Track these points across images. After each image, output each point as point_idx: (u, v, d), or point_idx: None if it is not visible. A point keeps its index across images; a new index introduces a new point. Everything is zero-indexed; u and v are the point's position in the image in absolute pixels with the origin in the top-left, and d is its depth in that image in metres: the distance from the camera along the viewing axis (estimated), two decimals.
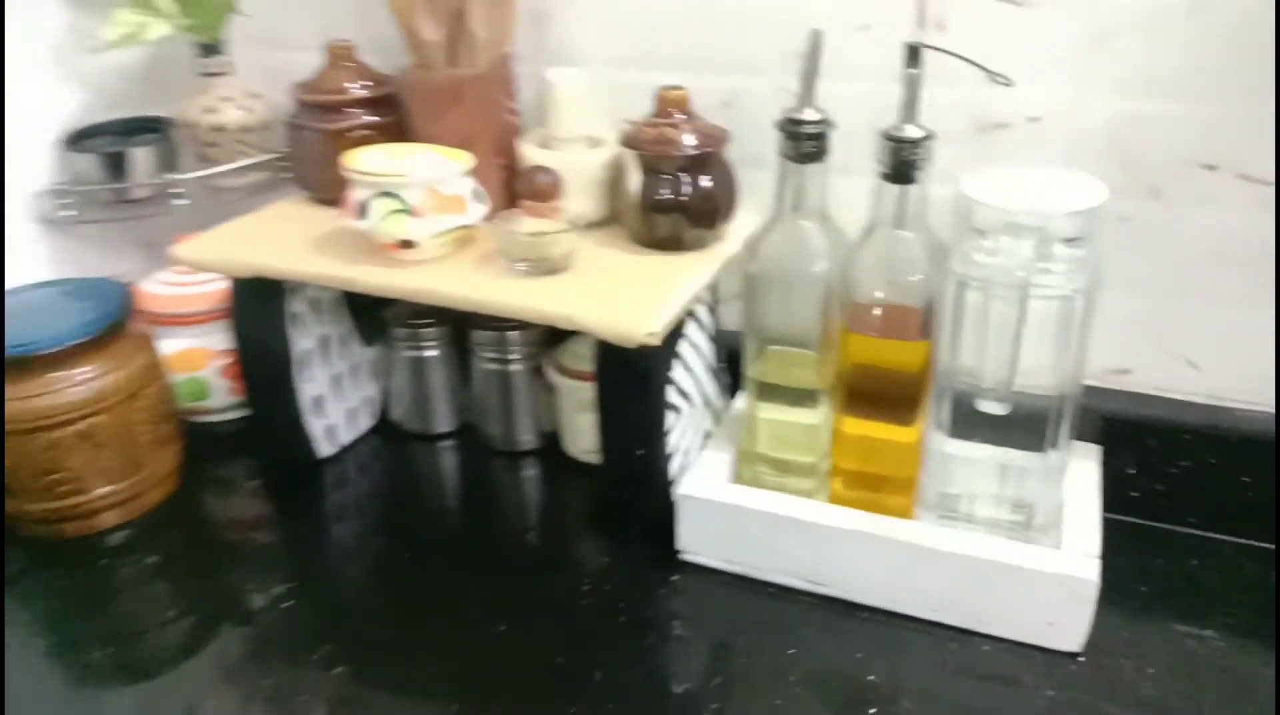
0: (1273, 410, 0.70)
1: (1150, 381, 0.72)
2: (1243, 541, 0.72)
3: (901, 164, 0.60)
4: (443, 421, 0.88)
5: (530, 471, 0.84)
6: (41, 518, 0.76)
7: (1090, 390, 0.72)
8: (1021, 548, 0.63)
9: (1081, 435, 0.72)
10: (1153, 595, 0.68)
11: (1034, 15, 0.66)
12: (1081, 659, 0.63)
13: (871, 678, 0.62)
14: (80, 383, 0.74)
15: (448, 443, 0.88)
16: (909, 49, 0.59)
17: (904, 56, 0.59)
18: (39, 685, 0.65)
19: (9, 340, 0.73)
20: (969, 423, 0.65)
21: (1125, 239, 0.68)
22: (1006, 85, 0.59)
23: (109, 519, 0.78)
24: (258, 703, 0.62)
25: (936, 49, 0.59)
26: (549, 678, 0.63)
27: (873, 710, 0.60)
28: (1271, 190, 0.64)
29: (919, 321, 0.64)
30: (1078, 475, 0.70)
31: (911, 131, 0.60)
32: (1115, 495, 0.73)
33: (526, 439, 0.85)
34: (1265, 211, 0.65)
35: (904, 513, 0.68)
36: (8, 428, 0.72)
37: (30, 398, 0.72)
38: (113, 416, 0.75)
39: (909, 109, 0.60)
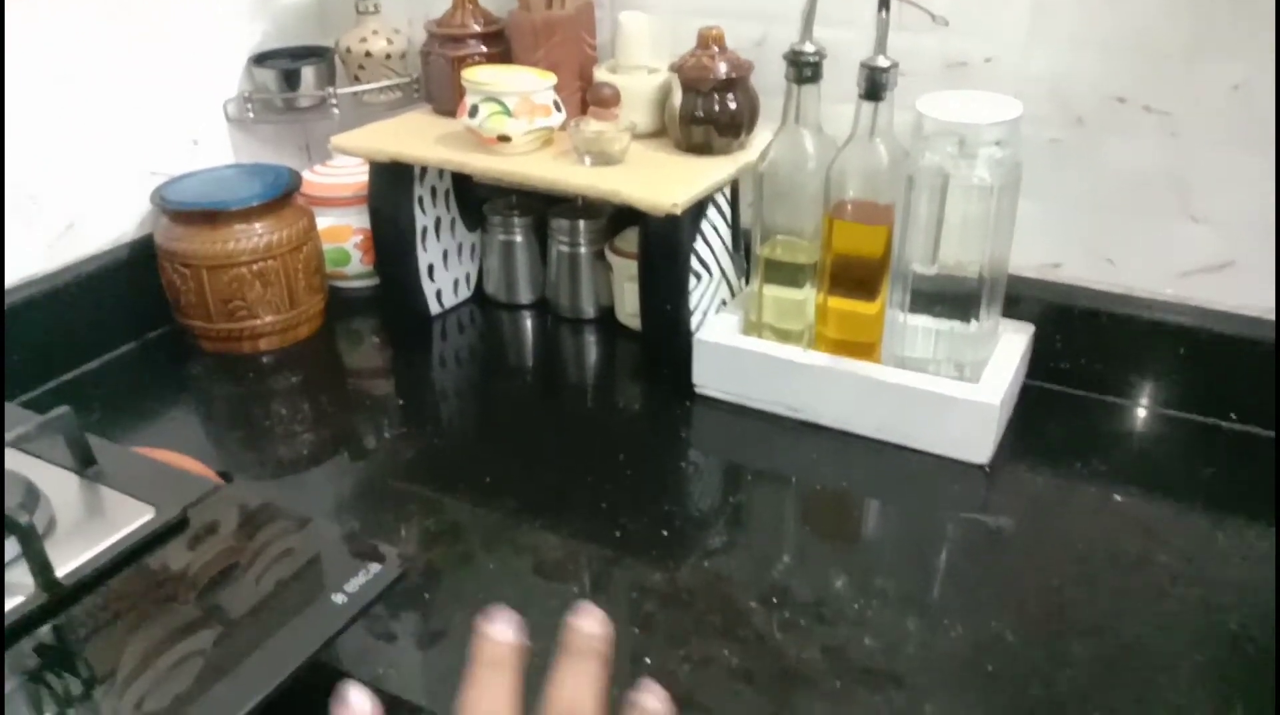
0: (1172, 298, 0.87)
1: (1076, 274, 0.90)
2: (1147, 407, 0.89)
3: (873, 85, 0.80)
4: (524, 294, 1.11)
5: (590, 335, 1.07)
6: (222, 336, 1.01)
7: (1027, 281, 0.91)
8: (945, 382, 0.82)
9: (1019, 315, 0.91)
10: (1060, 441, 0.86)
11: None
12: (986, 470, 0.82)
13: (825, 470, 0.83)
14: (258, 235, 0.99)
15: (527, 311, 1.11)
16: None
17: (877, 5, 0.79)
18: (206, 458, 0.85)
19: (208, 199, 0.98)
20: (916, 299, 0.85)
21: (1055, 158, 0.87)
22: (945, 25, 0.78)
23: (269, 343, 1.03)
24: (370, 499, 0.82)
25: None
26: (589, 460, 0.85)
27: (818, 486, 0.81)
28: (1169, 118, 0.82)
29: (882, 212, 0.83)
30: (1009, 345, 0.88)
31: (881, 61, 0.80)
32: (1045, 367, 0.92)
33: (588, 309, 1.07)
34: (1164, 136, 0.83)
35: None
36: (206, 264, 0.98)
37: (223, 243, 0.98)
38: (279, 263, 1.00)
39: (880, 44, 0.80)
